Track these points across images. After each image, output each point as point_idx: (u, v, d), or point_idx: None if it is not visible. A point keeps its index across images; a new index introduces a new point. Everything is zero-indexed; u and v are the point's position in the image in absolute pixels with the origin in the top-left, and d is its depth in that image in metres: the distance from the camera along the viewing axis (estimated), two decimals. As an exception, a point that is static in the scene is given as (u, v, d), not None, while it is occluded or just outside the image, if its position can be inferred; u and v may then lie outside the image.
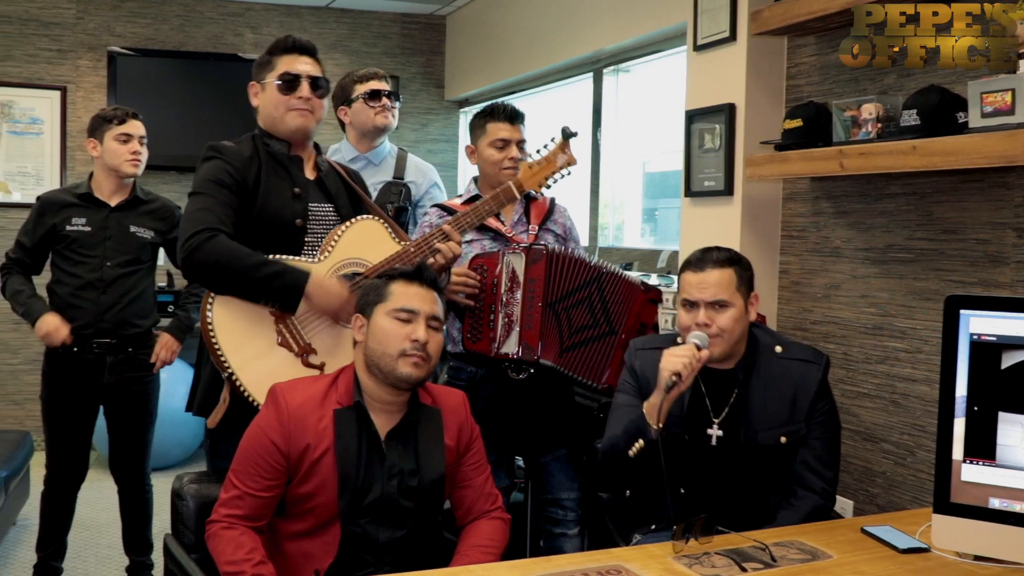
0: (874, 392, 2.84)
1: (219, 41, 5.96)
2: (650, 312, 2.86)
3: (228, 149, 2.49)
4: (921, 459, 2.68)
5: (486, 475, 2.29)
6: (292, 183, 2.51)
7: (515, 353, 2.76)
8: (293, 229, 2.48)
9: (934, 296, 2.62)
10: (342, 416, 2.10)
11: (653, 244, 4.65)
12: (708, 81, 3.32)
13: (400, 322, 2.10)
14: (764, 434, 2.30)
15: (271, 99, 2.52)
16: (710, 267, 2.28)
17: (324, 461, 2.06)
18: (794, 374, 2.34)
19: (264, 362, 2.34)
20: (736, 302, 2.27)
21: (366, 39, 6.23)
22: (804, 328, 3.09)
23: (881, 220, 2.81)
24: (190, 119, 5.70)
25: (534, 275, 2.76)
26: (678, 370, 2.13)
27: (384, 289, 2.14)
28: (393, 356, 2.08)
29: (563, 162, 2.72)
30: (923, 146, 2.31)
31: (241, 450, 2.10)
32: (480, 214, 2.65)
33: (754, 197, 3.20)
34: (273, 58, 2.54)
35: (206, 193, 2.40)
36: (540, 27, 5.06)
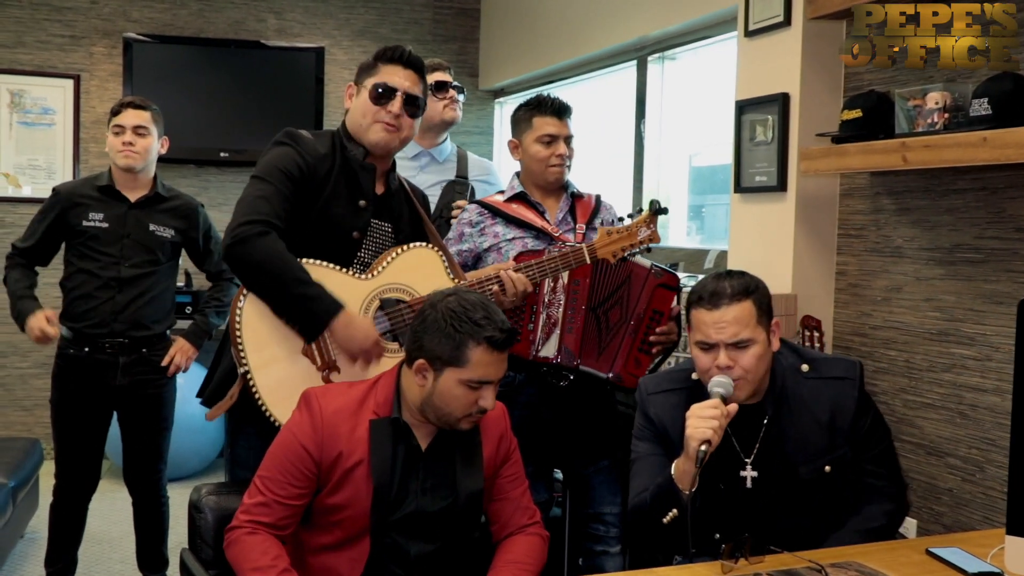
0: (939, 403, 2.81)
1: (241, 27, 6.02)
2: (663, 298, 2.82)
3: (305, 140, 2.54)
4: (991, 475, 2.64)
5: (523, 488, 2.31)
6: (360, 194, 2.56)
7: (555, 357, 2.77)
8: (348, 241, 2.53)
9: (1005, 299, 2.59)
10: (378, 427, 2.11)
11: (700, 243, 4.63)
12: (760, 69, 3.31)
13: (471, 390, 2.08)
14: (805, 467, 2.24)
15: (362, 105, 2.57)
16: (725, 303, 2.15)
17: (357, 472, 2.08)
18: (828, 395, 2.26)
19: (283, 367, 2.37)
20: (759, 337, 2.16)
21: (396, 25, 6.26)
22: (863, 334, 3.07)
23: (947, 218, 2.78)
24: (210, 110, 5.75)
25: (579, 276, 2.78)
26: (708, 438, 2.01)
27: (462, 352, 2.06)
28: (456, 417, 2.10)
29: (645, 237, 2.76)
30: (995, 137, 2.29)
31: (271, 455, 2.12)
32: (544, 270, 2.70)
33: (809, 193, 3.17)
34: (378, 64, 2.59)
35: (269, 180, 2.44)
36: (580, 12, 5.06)
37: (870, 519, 2.27)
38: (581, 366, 2.78)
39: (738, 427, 2.23)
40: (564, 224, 3.00)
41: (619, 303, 2.82)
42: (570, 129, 2.99)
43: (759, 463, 2.25)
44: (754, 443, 2.25)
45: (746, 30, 3.35)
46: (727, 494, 2.25)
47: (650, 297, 2.81)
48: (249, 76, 5.75)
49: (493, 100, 6.48)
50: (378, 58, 2.60)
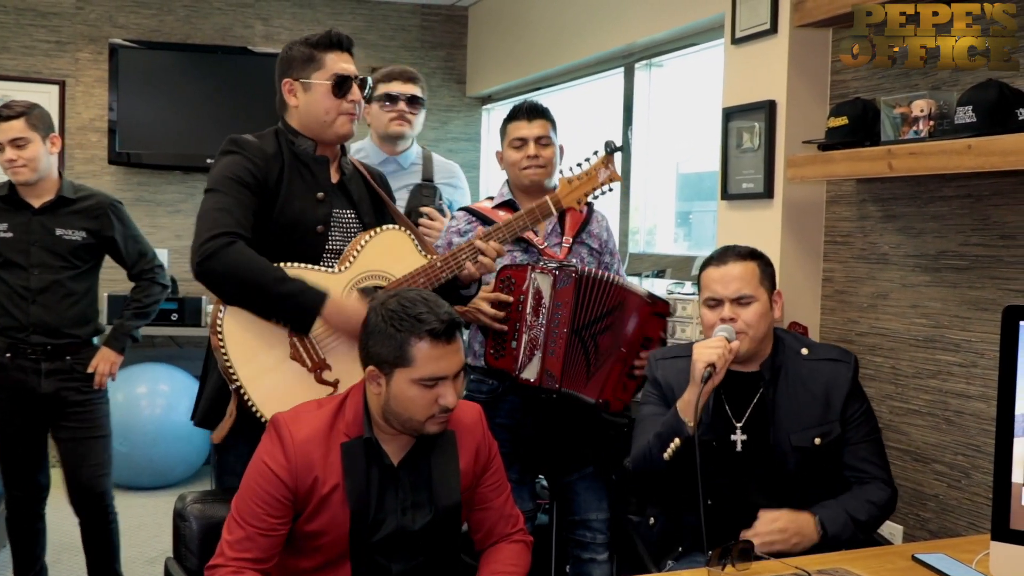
0: (925, 409, 2.82)
1: (228, 33, 6.01)
2: (654, 326, 2.85)
3: (250, 144, 2.49)
4: (977, 481, 2.65)
5: (506, 495, 2.28)
6: (316, 186, 2.52)
7: (535, 380, 2.76)
8: (313, 235, 2.49)
9: (991, 306, 2.60)
10: (350, 450, 2.06)
11: (687, 250, 4.63)
12: (747, 76, 3.32)
13: (426, 388, 2.02)
14: (797, 436, 2.34)
15: (319, 102, 2.50)
16: (732, 260, 2.36)
17: (333, 497, 2.04)
18: (823, 374, 2.39)
19: (274, 376, 2.36)
20: (761, 296, 2.34)
21: (383, 32, 6.26)
22: (849, 340, 3.07)
23: (933, 225, 2.79)
24: (196, 116, 5.74)
25: (561, 299, 2.76)
26: (712, 360, 2.19)
27: (406, 351, 2.00)
28: (420, 421, 2.04)
29: (605, 178, 2.74)
30: (979, 145, 2.30)
31: (245, 486, 2.07)
32: (513, 230, 2.67)
33: (796, 200, 3.18)
34: (318, 54, 2.51)
35: (224, 192, 2.40)
36: (568, 19, 5.07)
37: (869, 492, 2.35)
38: (563, 389, 2.77)
39: (732, 393, 2.36)
40: (552, 236, 2.99)
41: (610, 328, 2.79)
42: (547, 129, 2.97)
43: (749, 428, 2.36)
44: (745, 410, 2.37)
45: (733, 37, 3.36)
46: (717, 455, 2.33)
47: (642, 325, 2.80)
48: (236, 82, 5.75)
49: (481, 107, 6.48)
50: (316, 47, 2.51)
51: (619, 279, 2.86)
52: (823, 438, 2.35)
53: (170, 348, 5.82)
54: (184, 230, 5.87)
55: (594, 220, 3.08)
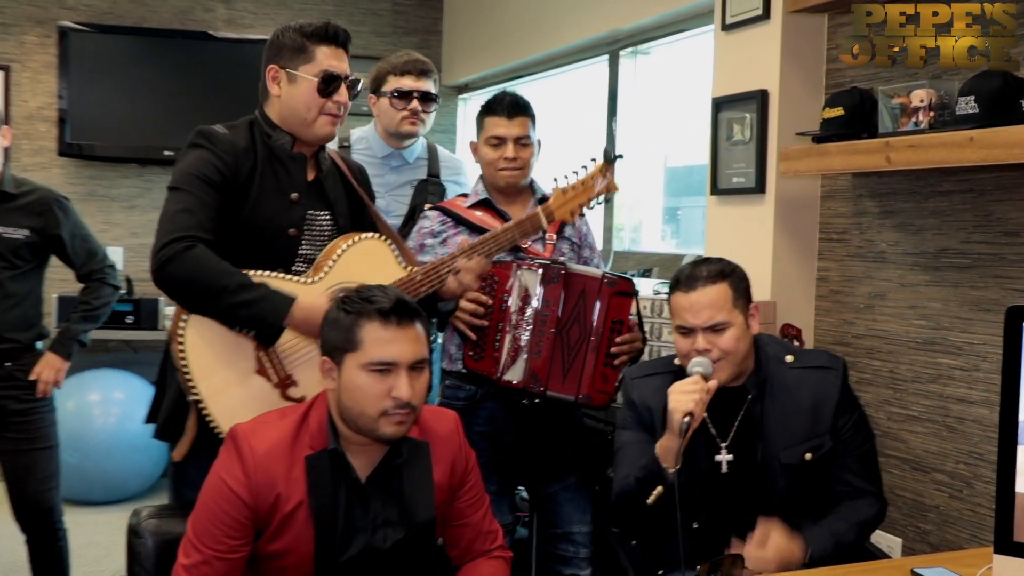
0: (925, 415, 2.83)
1: (187, 17, 5.97)
2: (620, 306, 2.80)
3: (220, 138, 2.44)
4: (979, 491, 2.67)
5: (484, 509, 2.27)
6: (290, 186, 2.49)
7: (519, 383, 2.75)
8: (285, 239, 2.47)
9: (993, 307, 2.62)
10: (315, 463, 2.03)
11: (675, 248, 4.64)
12: (738, 64, 3.33)
13: (377, 375, 1.99)
14: (786, 452, 2.33)
15: (304, 97, 2.47)
16: (701, 285, 2.29)
17: (297, 516, 2.01)
18: (811, 383, 2.37)
19: (237, 391, 2.34)
20: (735, 320, 2.30)
21: (353, 16, 6.25)
22: (845, 343, 3.09)
23: (933, 221, 2.81)
24: (153, 105, 5.69)
25: (549, 297, 2.75)
26: (690, 409, 2.14)
27: (354, 334, 2.00)
28: (373, 417, 2.00)
29: (601, 187, 2.73)
30: (982, 137, 2.31)
31: (201, 506, 2.03)
32: (501, 243, 2.68)
33: (789, 195, 3.19)
34: (310, 46, 2.48)
35: (188, 190, 2.36)
36: (549, 4, 5.07)
37: (858, 510, 2.35)
38: (548, 391, 2.77)
39: (716, 411, 2.33)
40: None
41: (577, 321, 2.79)
42: (527, 128, 2.94)
43: (735, 447, 2.35)
44: (730, 427, 2.36)
45: (723, 23, 3.37)
46: (702, 478, 2.32)
47: (607, 308, 2.78)
48: (196, 69, 5.70)
49: (457, 96, 6.47)
50: (309, 38, 2.48)
51: (572, 266, 2.83)
52: (814, 453, 2.34)
53: (125, 353, 5.77)
54: (140, 227, 5.83)
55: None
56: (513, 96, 3.00)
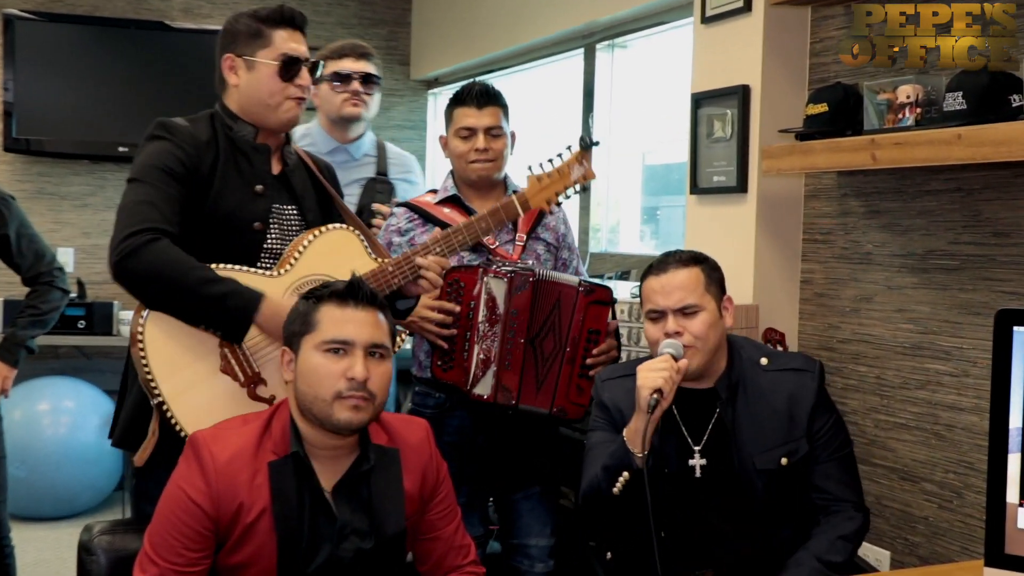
0: (913, 423, 2.85)
1: (142, 6, 5.92)
2: (596, 316, 2.80)
3: (181, 130, 2.44)
4: (970, 502, 2.68)
5: (456, 523, 2.27)
6: (255, 178, 2.48)
7: (489, 396, 2.75)
8: (250, 233, 2.46)
9: (983, 310, 2.63)
10: (278, 470, 2.03)
11: (654, 249, 4.65)
12: (718, 59, 3.34)
13: (333, 356, 2.02)
14: (761, 457, 2.34)
15: (264, 83, 2.48)
16: (673, 267, 2.35)
17: (260, 525, 2.01)
18: (786, 386, 2.39)
19: (202, 391, 2.33)
20: (707, 305, 2.34)
21: (317, 6, 6.22)
22: (830, 347, 3.10)
23: (920, 221, 2.82)
24: (106, 99, 5.65)
25: (518, 306, 2.74)
26: (659, 386, 2.17)
27: (311, 316, 2.06)
28: (327, 400, 2.01)
29: (578, 176, 2.73)
30: (970, 135, 2.33)
31: (160, 517, 2.02)
32: (475, 233, 2.66)
33: (771, 195, 3.21)
34: (266, 30, 2.48)
35: (149, 182, 2.35)
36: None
37: (838, 526, 2.34)
38: (520, 405, 2.76)
39: (688, 413, 2.36)
40: (504, 233, 2.96)
41: (552, 330, 2.78)
42: (498, 119, 2.92)
43: (709, 451, 2.36)
44: (704, 431, 2.37)
45: (703, 16, 3.38)
46: (675, 482, 2.34)
47: (583, 317, 2.78)
48: (151, 61, 5.66)
49: (426, 91, 6.46)
50: (265, 22, 2.49)
51: (548, 273, 2.83)
52: (790, 457, 2.35)
53: (77, 360, 5.71)
54: (93, 227, 5.78)
55: (553, 216, 3.05)
56: (483, 85, 2.98)
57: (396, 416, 2.27)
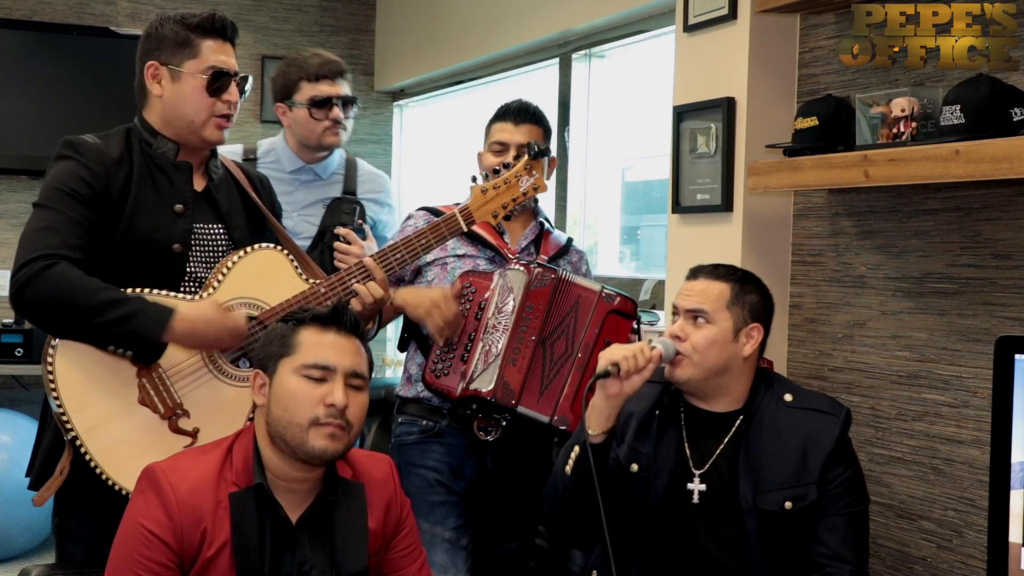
0: (910, 457, 2.85)
1: (85, 10, 5.91)
2: (617, 326, 2.83)
3: (89, 148, 2.42)
4: (971, 541, 2.69)
5: (420, 562, 2.28)
6: (173, 197, 2.46)
7: (488, 392, 2.73)
8: (169, 256, 2.44)
9: (983, 336, 2.64)
10: (239, 501, 2.05)
11: (634, 272, 4.66)
12: (702, 70, 3.35)
13: (311, 382, 2.05)
14: (765, 496, 2.34)
15: (188, 97, 2.46)
16: (706, 276, 2.46)
17: (220, 559, 2.02)
18: (806, 426, 2.39)
19: (119, 425, 2.31)
20: (719, 321, 2.38)
21: (276, 12, 6.22)
22: (821, 376, 3.10)
23: (916, 242, 2.84)
24: (46, 110, 5.62)
25: (534, 300, 2.77)
26: (616, 360, 2.25)
27: (291, 338, 2.09)
28: (302, 426, 2.04)
29: (528, 187, 2.73)
30: (969, 150, 2.34)
31: (119, 557, 2.03)
32: (414, 248, 2.67)
33: (758, 214, 3.21)
34: (195, 39, 2.47)
35: (51, 207, 2.34)
36: (494, 1, 5.08)
37: None
38: (519, 407, 2.75)
39: (697, 433, 2.39)
40: (526, 253, 2.99)
41: (564, 334, 2.81)
42: (534, 138, 2.94)
43: (710, 478, 2.37)
44: (709, 457, 2.39)
45: (685, 24, 3.39)
46: (669, 502, 2.36)
47: (600, 325, 2.80)
48: (95, 69, 5.64)
49: (392, 103, 6.46)
50: (193, 30, 2.48)
51: (572, 275, 2.89)
52: (795, 502, 2.33)
53: (13, 390, 5.66)
54: (31, 248, 5.73)
55: (573, 253, 3.13)
56: (523, 102, 3.07)
57: (360, 451, 2.28)
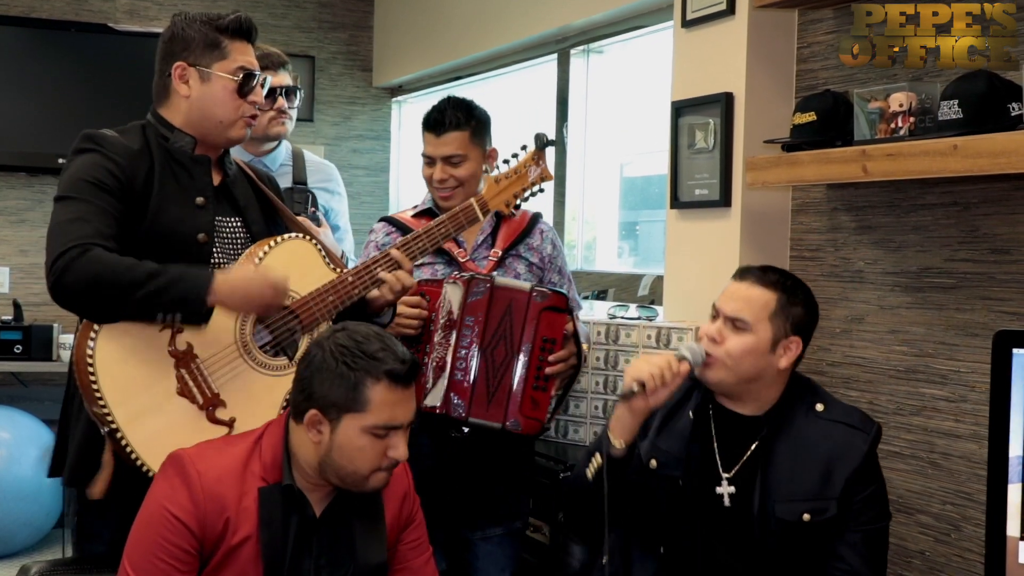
0: (908, 451, 2.86)
1: (83, 7, 5.90)
2: (552, 323, 2.81)
3: (111, 141, 2.42)
4: (968, 535, 2.69)
5: (427, 556, 2.31)
6: (194, 190, 2.47)
7: (439, 407, 2.74)
8: (196, 246, 2.45)
9: (981, 331, 2.65)
10: (268, 497, 2.07)
11: (633, 267, 4.66)
12: (700, 65, 3.35)
13: (378, 438, 2.04)
14: (783, 506, 2.32)
15: (219, 98, 2.46)
16: (752, 280, 2.39)
17: (244, 549, 2.04)
18: (834, 440, 2.36)
19: (158, 416, 2.31)
20: (759, 331, 2.33)
21: (274, 8, 6.21)
22: (820, 371, 3.11)
23: (915, 237, 2.84)
24: (45, 106, 5.61)
25: (472, 312, 2.76)
26: (643, 379, 2.23)
27: (360, 393, 2.02)
28: (364, 475, 2.06)
29: (536, 176, 2.75)
30: (967, 145, 2.34)
31: (140, 539, 2.04)
32: (435, 237, 2.67)
33: (756, 209, 3.22)
34: (224, 41, 2.47)
35: (79, 198, 2.33)
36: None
37: None
38: (470, 418, 2.76)
39: (727, 437, 2.37)
40: (482, 248, 2.98)
41: (503, 338, 2.79)
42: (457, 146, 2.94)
43: (738, 482, 2.36)
44: (738, 460, 2.38)
45: (683, 20, 3.40)
46: (697, 505, 2.36)
47: (536, 325, 2.79)
48: (94, 66, 5.63)
49: (390, 99, 6.46)
50: (223, 32, 2.48)
51: (504, 280, 2.85)
52: (814, 516, 2.31)
53: (13, 387, 5.66)
54: (30, 244, 5.73)
55: (536, 232, 3.07)
56: (442, 108, 2.98)
57: None
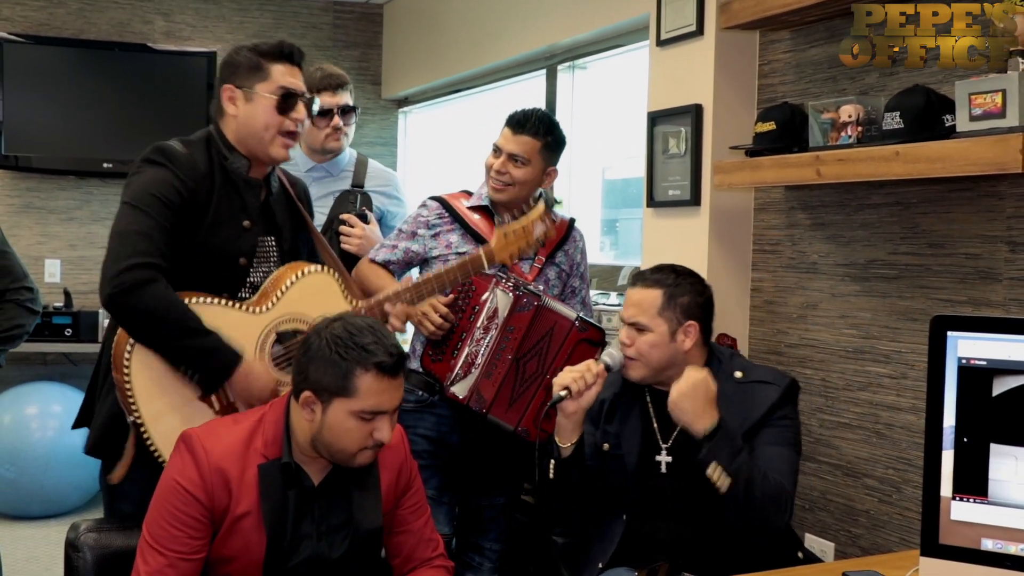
0: (855, 422, 2.88)
1: (125, 29, 5.88)
2: (584, 354, 2.75)
3: (181, 159, 2.38)
4: (908, 496, 2.71)
5: (426, 518, 2.28)
6: (243, 212, 2.46)
7: (464, 398, 2.74)
8: (236, 267, 2.44)
9: (920, 316, 2.67)
10: (267, 472, 2.05)
11: (614, 259, 4.67)
12: (672, 80, 3.36)
13: (364, 421, 2.02)
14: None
15: (262, 116, 2.43)
16: (639, 285, 2.42)
17: (247, 521, 2.03)
18: (752, 397, 2.38)
19: (178, 416, 2.32)
20: (656, 327, 2.36)
21: (293, 30, 6.20)
22: (778, 352, 3.12)
23: (862, 233, 2.85)
24: (91, 117, 5.59)
25: (516, 323, 2.74)
26: (567, 384, 2.30)
27: (350, 381, 2.00)
28: (350, 453, 2.04)
29: (540, 233, 2.70)
30: (907, 152, 2.36)
31: (158, 510, 2.03)
32: (443, 283, 2.65)
33: (723, 208, 3.23)
34: (266, 64, 2.45)
35: (147, 212, 2.30)
36: (487, 19, 5.08)
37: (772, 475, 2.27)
38: (489, 415, 2.76)
39: (662, 415, 2.37)
40: None
41: (538, 355, 2.77)
42: (526, 150, 2.86)
43: (676, 451, 2.38)
44: (674, 431, 2.39)
45: (658, 39, 3.40)
46: (640, 475, 2.38)
47: (570, 352, 2.76)
48: (134, 81, 5.61)
49: (397, 109, 6.45)
50: (265, 56, 2.46)
51: (551, 302, 2.81)
52: None
53: (64, 366, 5.65)
54: (79, 239, 5.73)
55: (571, 240, 3.02)
56: (531, 113, 2.91)
57: None
